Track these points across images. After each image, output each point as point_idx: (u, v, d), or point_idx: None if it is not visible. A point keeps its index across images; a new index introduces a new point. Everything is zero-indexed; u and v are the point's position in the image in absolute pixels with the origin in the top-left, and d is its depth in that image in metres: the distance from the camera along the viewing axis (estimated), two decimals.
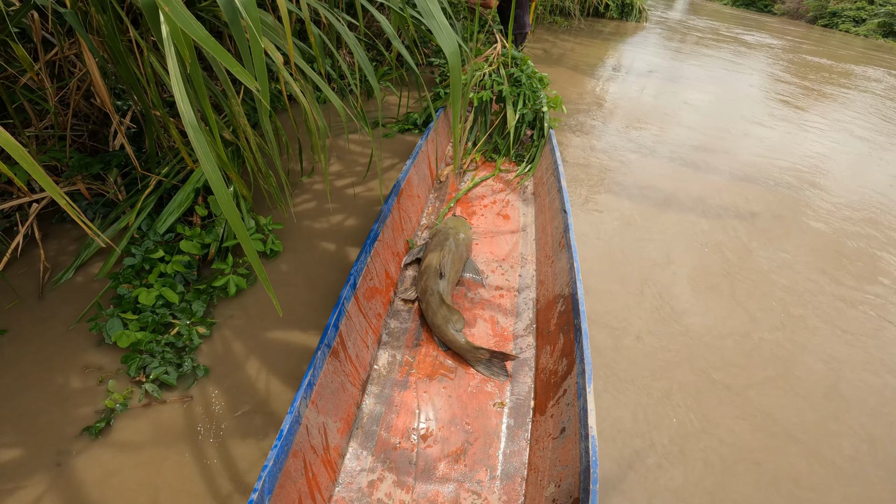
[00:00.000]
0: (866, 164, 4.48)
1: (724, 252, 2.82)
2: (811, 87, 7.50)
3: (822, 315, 2.45)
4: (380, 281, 2.00)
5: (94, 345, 1.83)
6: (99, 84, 2.03)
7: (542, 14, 9.99)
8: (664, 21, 16.13)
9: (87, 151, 2.59)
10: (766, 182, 3.80)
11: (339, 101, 1.89)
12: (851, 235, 3.18)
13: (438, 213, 2.72)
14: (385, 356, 1.81)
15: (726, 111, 5.64)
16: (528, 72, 3.53)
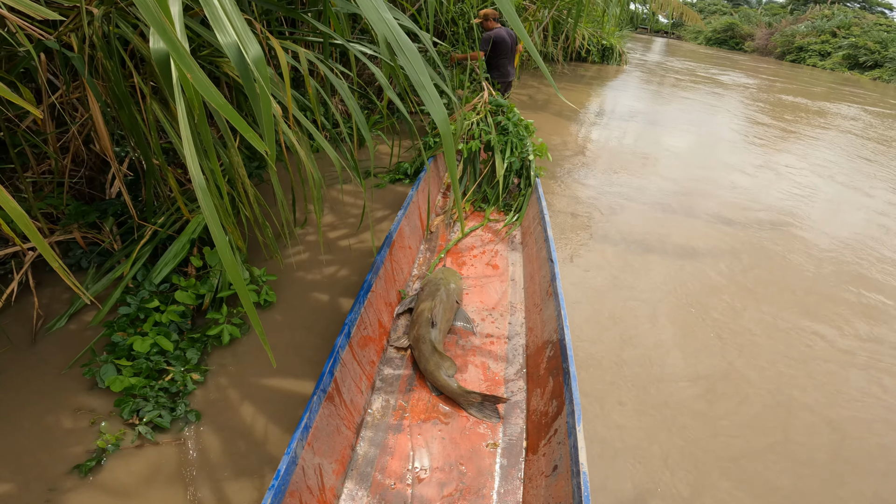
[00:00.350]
0: (850, 210, 4.83)
1: (710, 313, 2.94)
2: (788, 128, 8.13)
3: (816, 373, 2.54)
4: (373, 330, 2.15)
5: (87, 389, 1.94)
6: (101, 129, 2.19)
7: (527, 60, 10.71)
8: (643, 63, 17.33)
9: (83, 198, 2.77)
10: (747, 228, 4.11)
11: (334, 152, 2.11)
12: (835, 283, 3.42)
13: (429, 264, 2.92)
14: (379, 401, 1.94)
15: (706, 156, 6.11)
16: (515, 119, 3.85)
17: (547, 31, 10.38)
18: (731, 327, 2.82)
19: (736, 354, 2.60)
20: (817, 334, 2.88)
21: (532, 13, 8.38)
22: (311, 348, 2.28)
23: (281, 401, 1.99)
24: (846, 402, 2.39)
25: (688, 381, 2.37)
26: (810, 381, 2.50)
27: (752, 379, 2.44)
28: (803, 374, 2.53)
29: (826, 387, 2.47)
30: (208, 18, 1.31)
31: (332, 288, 2.72)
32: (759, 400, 2.32)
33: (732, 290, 3.20)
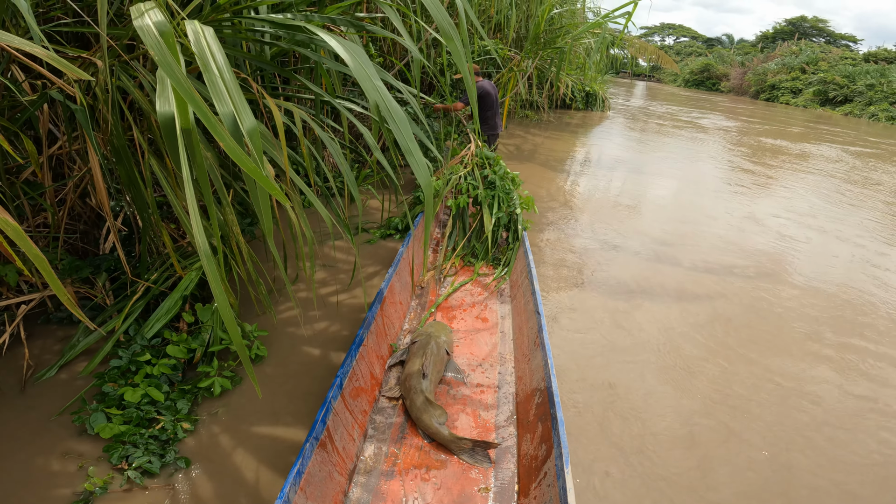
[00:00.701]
0: (844, 263, 5.12)
1: (696, 378, 3.03)
2: (772, 174, 8.59)
3: (818, 450, 2.53)
4: (365, 381, 2.34)
5: (75, 435, 2.10)
6: (100, 183, 2.34)
7: (514, 108, 11.28)
8: (626, 108, 18.24)
9: (77, 253, 2.96)
10: (734, 279, 4.37)
11: (325, 210, 2.33)
12: (833, 337, 3.66)
13: (420, 319, 3.13)
14: (371, 448, 2.11)
15: (691, 205, 6.50)
16: (501, 173, 4.15)
17: (532, 80, 11.00)
18: (721, 387, 2.98)
19: (727, 414, 2.71)
20: (814, 393, 2.97)
21: (517, 63, 8.93)
22: (302, 399, 2.45)
23: (272, 449, 2.15)
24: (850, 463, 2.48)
25: (682, 449, 2.43)
26: (808, 443, 2.57)
27: (749, 439, 2.53)
28: (801, 437, 2.59)
29: (827, 451, 2.54)
30: (208, 88, 1.48)
31: (324, 342, 2.91)
32: (757, 464, 2.41)
33: (721, 349, 3.38)
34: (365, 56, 1.75)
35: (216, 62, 1.50)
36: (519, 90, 9.07)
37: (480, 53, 8.76)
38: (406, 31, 2.37)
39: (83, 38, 2.84)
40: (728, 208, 6.50)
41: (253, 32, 2.54)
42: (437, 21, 1.85)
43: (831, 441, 2.59)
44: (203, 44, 1.51)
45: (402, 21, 2.57)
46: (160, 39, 1.40)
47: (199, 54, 1.49)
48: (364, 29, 2.54)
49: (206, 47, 1.51)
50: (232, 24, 2.25)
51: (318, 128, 2.52)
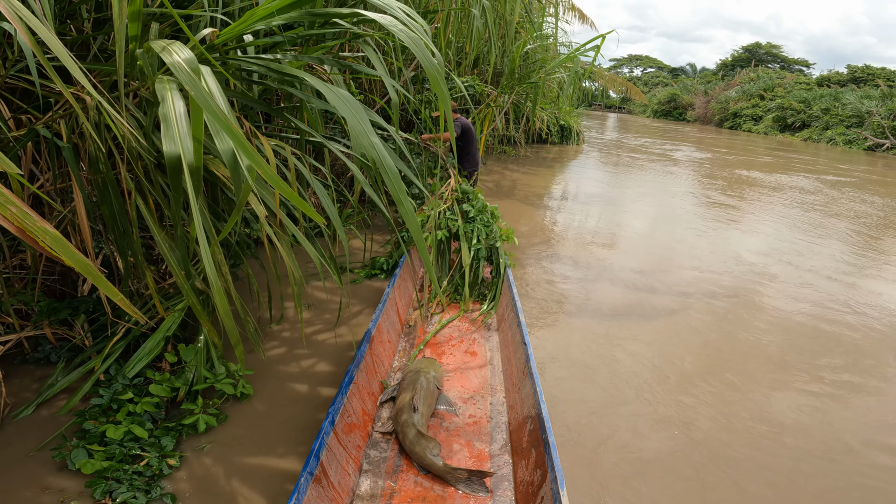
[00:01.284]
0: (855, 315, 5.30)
1: (674, 425, 3.12)
2: (748, 209, 8.74)
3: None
4: (357, 418, 2.38)
5: (56, 471, 2.10)
6: (84, 223, 2.32)
7: (492, 144, 11.57)
8: (600, 141, 18.85)
9: (54, 294, 2.96)
10: (713, 316, 4.50)
11: (313, 250, 2.39)
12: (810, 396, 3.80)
13: (409, 356, 3.20)
14: (367, 482, 2.14)
15: (667, 242, 6.65)
16: (479, 206, 4.28)
17: (508, 115, 11.34)
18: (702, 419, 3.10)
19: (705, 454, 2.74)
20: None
21: (493, 99, 9.23)
22: (291, 435, 2.47)
23: (261, 485, 2.16)
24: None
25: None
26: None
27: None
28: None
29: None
30: (209, 127, 1.53)
31: (311, 380, 2.95)
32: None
33: (705, 387, 3.48)
34: (360, 108, 1.81)
35: (214, 100, 1.53)
36: (496, 125, 9.34)
37: (459, 90, 9.04)
38: (386, 69, 2.48)
39: (66, 72, 2.88)
40: (706, 243, 6.66)
41: (241, 71, 2.63)
42: (423, 64, 1.94)
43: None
44: (201, 83, 1.54)
45: (382, 60, 2.69)
46: (193, 76, 1.45)
47: (195, 92, 1.49)
48: (348, 68, 2.64)
49: (203, 86, 1.53)
50: (223, 63, 2.33)
51: (304, 166, 2.60)
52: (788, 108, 30.59)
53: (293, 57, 2.57)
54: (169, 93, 1.59)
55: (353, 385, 2.44)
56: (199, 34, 2.06)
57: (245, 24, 1.96)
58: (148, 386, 2.51)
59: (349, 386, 2.39)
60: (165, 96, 1.57)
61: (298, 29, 2.48)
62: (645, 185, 10.31)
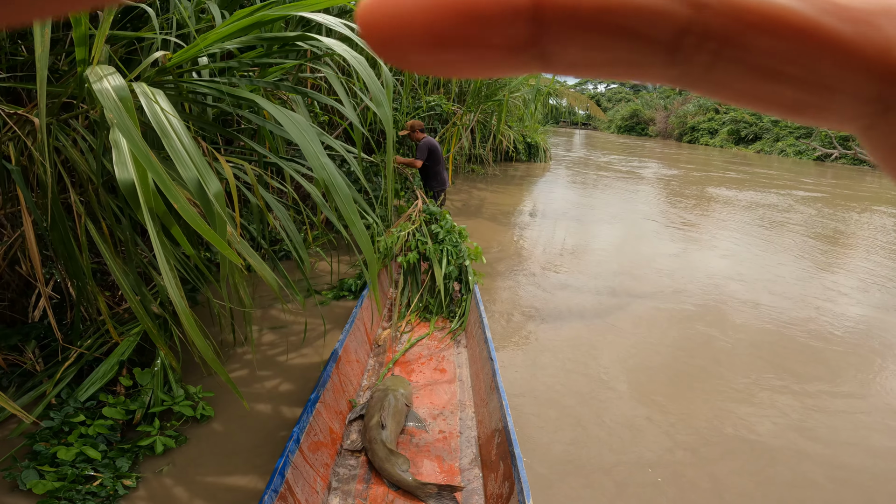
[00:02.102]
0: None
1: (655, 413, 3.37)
2: (728, 233, 8.53)
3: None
4: (324, 436, 2.39)
5: (7, 491, 2.09)
6: (33, 248, 2.31)
7: (460, 163, 11.73)
8: (567, 157, 19.30)
9: (4, 321, 2.91)
10: (687, 333, 4.65)
11: (271, 273, 2.40)
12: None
13: (378, 375, 3.23)
14: (336, 500, 2.16)
15: (633, 253, 6.82)
16: (448, 227, 4.37)
17: (475, 133, 11.54)
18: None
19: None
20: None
21: (459, 117, 9.39)
22: (253, 456, 2.48)
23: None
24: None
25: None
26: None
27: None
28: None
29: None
30: (170, 153, 1.55)
31: (274, 401, 2.96)
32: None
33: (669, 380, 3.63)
34: (311, 130, 1.86)
35: (173, 126, 1.58)
36: (463, 144, 9.50)
37: (427, 109, 9.19)
38: (346, 90, 2.53)
39: (15, 93, 2.87)
40: (679, 265, 6.59)
41: (195, 94, 2.65)
42: (367, 85, 2.01)
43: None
44: (156, 108, 1.59)
45: (343, 81, 2.75)
46: (120, 105, 1.48)
47: (153, 118, 1.56)
48: (303, 94, 2.69)
49: (159, 111, 1.59)
50: (175, 87, 2.35)
51: (264, 189, 2.62)
52: (741, 120, 32.10)
53: (249, 81, 2.60)
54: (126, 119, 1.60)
55: (320, 404, 2.46)
56: (149, 58, 2.07)
57: (197, 48, 1.99)
58: (101, 409, 2.50)
59: (315, 405, 2.41)
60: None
61: (256, 51, 2.52)
62: (613, 204, 10.50)
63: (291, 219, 3.98)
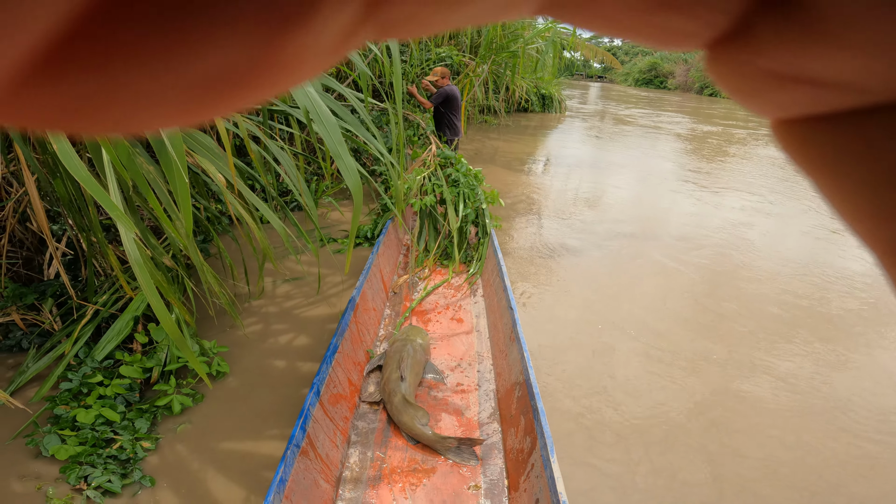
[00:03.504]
0: None
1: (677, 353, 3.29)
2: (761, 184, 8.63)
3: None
4: (343, 388, 2.31)
5: (31, 458, 2.05)
6: (37, 205, 2.28)
7: (472, 114, 11.45)
8: (582, 109, 18.73)
9: (20, 280, 2.85)
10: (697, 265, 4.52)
11: (279, 222, 2.30)
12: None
13: (395, 324, 3.13)
14: (356, 454, 2.08)
15: (651, 201, 6.60)
16: (464, 170, 4.22)
17: (487, 85, 11.19)
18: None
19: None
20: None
21: (472, 69, 9.08)
22: (271, 412, 2.42)
23: (243, 464, 2.11)
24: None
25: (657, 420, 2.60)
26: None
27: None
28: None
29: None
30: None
31: (292, 354, 2.87)
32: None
33: (684, 324, 3.53)
34: None
35: None
36: (475, 94, 9.23)
37: (436, 61, 8.91)
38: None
39: None
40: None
41: None
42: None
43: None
44: None
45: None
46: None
47: None
48: None
49: None
50: None
51: (268, 137, 2.50)
52: None
53: None
54: None
55: (338, 354, 2.37)
56: None
57: None
58: (118, 368, 2.43)
59: (334, 355, 2.31)
60: None
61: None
62: (631, 156, 10.09)
63: (302, 170, 3.87)
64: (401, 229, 4.36)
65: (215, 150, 2.27)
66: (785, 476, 2.30)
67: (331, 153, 1.68)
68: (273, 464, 2.09)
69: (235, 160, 2.72)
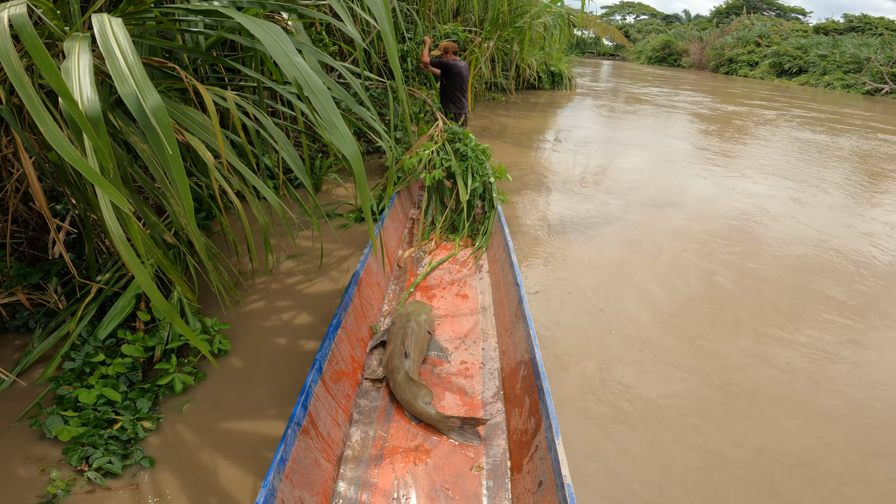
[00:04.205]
0: None
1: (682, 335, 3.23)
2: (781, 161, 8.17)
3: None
4: (346, 365, 2.27)
5: (35, 440, 2.04)
6: (35, 185, 2.22)
7: (479, 91, 11.30)
8: (592, 87, 18.39)
9: (26, 260, 2.82)
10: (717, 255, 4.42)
11: (275, 198, 2.23)
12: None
13: (399, 299, 3.07)
14: (358, 433, 2.05)
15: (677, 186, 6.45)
16: (472, 145, 4.18)
17: (495, 61, 11.00)
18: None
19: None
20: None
21: (478, 45, 8.91)
22: (273, 390, 2.38)
23: (244, 443, 2.08)
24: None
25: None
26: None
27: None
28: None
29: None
30: (109, 70, 1.43)
31: (293, 332, 2.83)
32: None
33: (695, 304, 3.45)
34: (279, 31, 1.68)
35: (119, 46, 1.49)
36: (481, 69, 9.08)
37: (442, 37, 8.76)
38: (349, 17, 2.29)
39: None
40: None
41: (184, 23, 2.47)
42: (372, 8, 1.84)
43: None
44: (108, 33, 1.52)
45: (348, 11, 2.49)
46: (6, 32, 1.34)
47: (102, 43, 1.48)
48: (297, 13, 2.46)
49: (110, 35, 1.51)
50: (155, 16, 2.19)
51: (263, 115, 2.43)
52: (785, 53, 29.86)
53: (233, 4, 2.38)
54: (77, 48, 1.52)
55: (341, 329, 2.33)
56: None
57: None
58: (121, 347, 2.40)
59: (337, 330, 2.27)
60: (72, 51, 1.51)
61: None
62: (644, 133, 9.75)
63: (305, 148, 3.81)
64: (406, 203, 4.32)
65: (206, 126, 2.22)
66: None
67: (324, 123, 1.62)
68: (274, 443, 2.06)
69: (230, 135, 2.66)
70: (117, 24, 1.55)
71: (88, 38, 1.59)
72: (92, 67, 1.49)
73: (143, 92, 1.41)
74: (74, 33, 1.63)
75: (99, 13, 1.62)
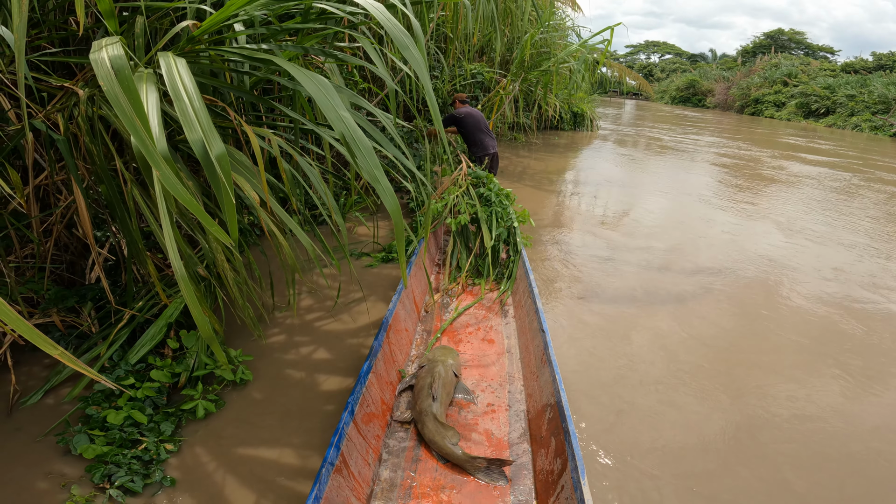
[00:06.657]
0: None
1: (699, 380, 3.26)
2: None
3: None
4: (376, 407, 2.39)
5: (60, 456, 2.16)
6: (83, 213, 2.40)
7: (501, 130, 11.58)
8: (616, 130, 18.61)
9: (63, 283, 2.99)
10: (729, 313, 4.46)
11: (305, 237, 2.37)
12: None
13: (427, 344, 3.20)
14: (387, 472, 2.14)
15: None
16: (496, 189, 4.33)
17: (518, 102, 11.34)
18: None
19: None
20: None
21: (503, 86, 9.21)
22: (287, 421, 2.51)
23: (259, 470, 2.19)
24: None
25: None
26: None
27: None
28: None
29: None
30: (179, 116, 1.53)
31: (311, 367, 2.98)
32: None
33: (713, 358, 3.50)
34: (329, 86, 1.79)
35: (186, 90, 1.58)
36: (504, 111, 9.37)
37: (467, 77, 9.08)
38: (381, 59, 2.47)
39: (68, 67, 2.92)
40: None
41: (231, 63, 2.64)
42: (402, 51, 1.95)
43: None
44: (174, 74, 1.60)
45: (379, 52, 2.67)
46: (112, 73, 1.46)
47: (170, 84, 1.57)
48: (336, 58, 2.64)
49: (177, 77, 1.60)
50: (208, 55, 2.35)
51: (298, 154, 2.58)
52: (812, 94, 30.11)
53: (280, 48, 2.56)
54: (144, 85, 1.61)
55: (372, 374, 2.44)
56: (175, 28, 2.11)
57: (223, 15, 1.94)
58: (150, 371, 2.55)
59: (368, 375, 2.39)
60: (140, 89, 1.58)
61: (294, 20, 2.49)
62: (665, 178, 9.94)
63: (331, 185, 3.98)
64: (433, 248, 4.45)
65: (249, 166, 2.36)
66: None
67: (367, 177, 1.70)
68: (290, 472, 2.18)
69: (267, 176, 2.83)
70: (182, 66, 1.65)
71: (154, 77, 1.70)
72: (160, 107, 1.62)
73: (209, 139, 1.51)
74: (140, 70, 1.75)
75: (164, 51, 1.75)
